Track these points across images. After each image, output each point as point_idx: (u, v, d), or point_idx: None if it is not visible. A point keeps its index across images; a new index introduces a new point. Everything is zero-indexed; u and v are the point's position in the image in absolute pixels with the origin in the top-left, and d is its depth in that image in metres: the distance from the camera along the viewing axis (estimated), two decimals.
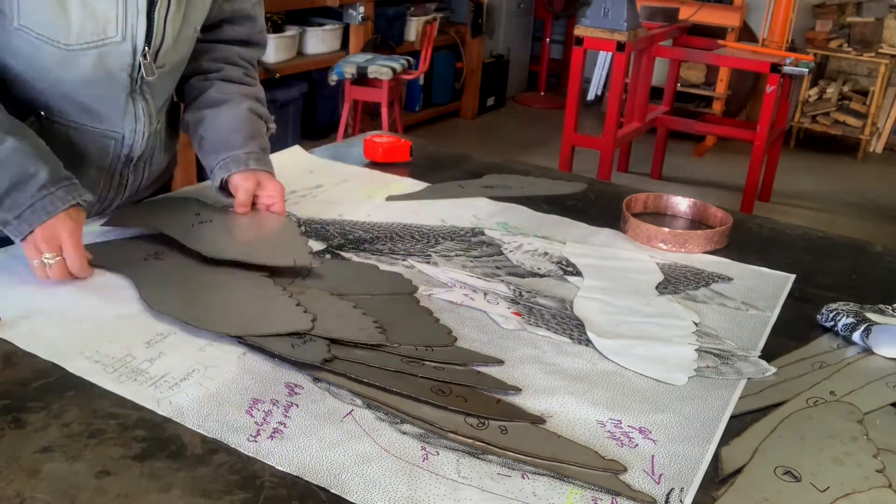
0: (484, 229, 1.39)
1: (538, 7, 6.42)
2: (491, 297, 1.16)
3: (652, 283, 1.24)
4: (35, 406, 0.84)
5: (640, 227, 1.39)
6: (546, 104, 6.27)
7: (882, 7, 5.29)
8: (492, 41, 5.97)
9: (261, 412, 0.87)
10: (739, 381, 0.99)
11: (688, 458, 0.84)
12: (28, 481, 0.74)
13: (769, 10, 4.53)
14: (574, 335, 1.07)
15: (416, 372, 0.94)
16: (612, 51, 3.64)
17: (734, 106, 5.49)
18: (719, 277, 1.28)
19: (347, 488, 0.76)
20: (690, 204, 1.53)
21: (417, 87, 5.36)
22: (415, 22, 5.13)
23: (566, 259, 1.30)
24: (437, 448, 0.83)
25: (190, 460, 0.79)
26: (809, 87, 5.43)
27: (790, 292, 1.24)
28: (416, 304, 1.12)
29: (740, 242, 1.41)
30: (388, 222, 1.39)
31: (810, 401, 0.97)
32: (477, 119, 5.81)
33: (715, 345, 1.08)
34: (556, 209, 1.50)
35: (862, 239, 1.51)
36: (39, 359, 0.92)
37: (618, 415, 0.91)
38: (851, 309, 1.14)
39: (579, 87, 3.82)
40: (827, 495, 0.80)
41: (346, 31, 4.62)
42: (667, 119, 4.32)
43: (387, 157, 1.68)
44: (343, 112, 4.23)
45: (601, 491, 0.78)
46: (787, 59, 3.80)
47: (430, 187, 1.57)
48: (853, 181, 4.92)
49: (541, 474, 0.80)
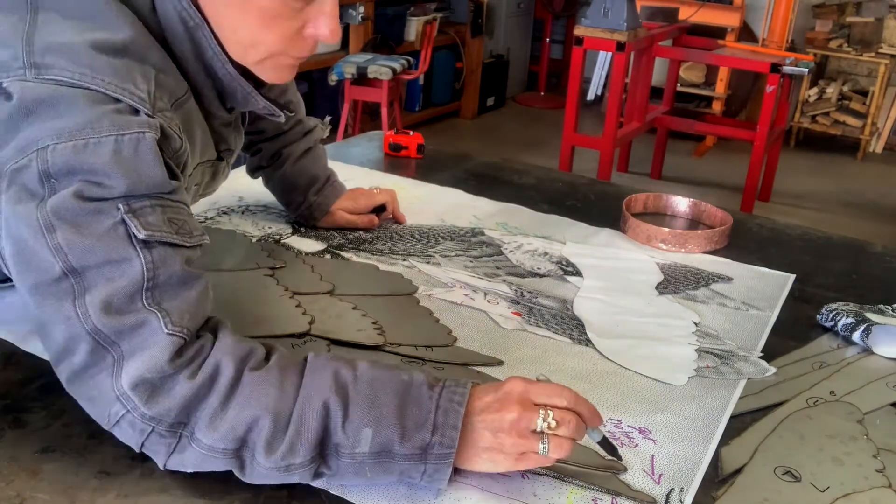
0: (484, 229, 1.39)
1: (538, 7, 6.42)
2: (491, 297, 1.16)
3: (652, 283, 1.24)
4: (35, 406, 0.84)
5: (639, 227, 1.39)
6: (546, 104, 6.27)
7: (882, 7, 5.29)
8: (492, 41, 5.97)
9: None
10: (739, 381, 0.99)
11: (688, 458, 0.84)
12: (28, 481, 0.74)
13: (769, 10, 4.53)
14: (574, 335, 1.07)
15: None
16: (611, 51, 3.64)
17: (734, 106, 5.49)
18: (719, 277, 1.28)
19: (347, 488, 0.76)
20: (690, 204, 1.53)
21: (417, 87, 5.35)
22: (415, 22, 5.13)
23: (566, 259, 1.30)
24: None
25: None
26: (809, 87, 5.43)
27: (790, 292, 1.24)
28: (416, 304, 1.12)
29: (740, 242, 1.41)
30: (389, 222, 1.40)
31: (810, 401, 0.97)
32: (477, 119, 5.81)
33: (715, 345, 1.08)
34: (556, 209, 1.50)
35: (862, 239, 1.51)
36: (39, 359, 0.92)
37: (618, 415, 0.91)
38: (851, 309, 1.14)
39: (579, 87, 3.82)
40: (827, 495, 0.81)
41: (345, 31, 4.62)
42: (667, 119, 4.32)
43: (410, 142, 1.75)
44: (343, 112, 4.23)
45: (601, 491, 0.78)
46: (787, 59, 3.80)
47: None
48: (853, 181, 4.91)
49: (541, 474, 0.80)
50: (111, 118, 0.73)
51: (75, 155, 0.71)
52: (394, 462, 0.74)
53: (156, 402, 0.72)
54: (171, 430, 0.73)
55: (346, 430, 0.73)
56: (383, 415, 0.74)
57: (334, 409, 0.73)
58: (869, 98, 5.30)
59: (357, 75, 4.06)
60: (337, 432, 0.73)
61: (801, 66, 3.79)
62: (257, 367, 0.75)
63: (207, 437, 0.72)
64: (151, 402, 0.72)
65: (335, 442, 0.73)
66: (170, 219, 0.76)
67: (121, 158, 0.73)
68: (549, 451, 0.75)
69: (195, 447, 0.73)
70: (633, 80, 4.17)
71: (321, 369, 0.76)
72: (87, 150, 0.72)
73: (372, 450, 0.73)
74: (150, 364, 0.71)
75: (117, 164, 0.72)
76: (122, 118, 0.74)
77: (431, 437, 0.73)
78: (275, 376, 0.75)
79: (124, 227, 0.73)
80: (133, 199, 0.74)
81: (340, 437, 0.73)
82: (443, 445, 0.73)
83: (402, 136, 1.76)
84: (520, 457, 0.76)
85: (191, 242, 0.78)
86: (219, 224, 1.32)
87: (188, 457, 0.74)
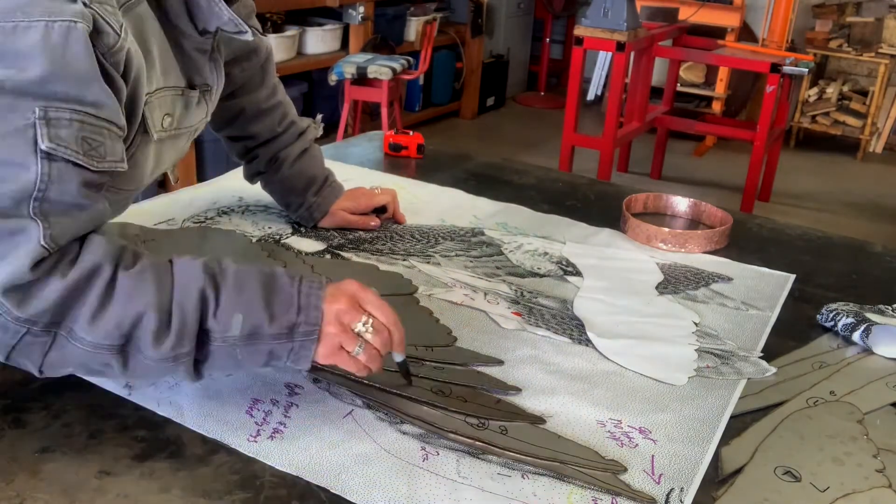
0: (484, 229, 1.39)
1: (538, 7, 6.42)
2: (491, 296, 1.16)
3: (652, 283, 1.24)
4: (35, 406, 0.85)
5: (639, 227, 1.39)
6: (546, 104, 6.27)
7: (882, 7, 5.29)
8: (492, 41, 5.96)
9: (261, 412, 0.87)
10: (739, 381, 0.99)
11: (688, 458, 0.84)
12: (28, 481, 0.74)
13: (769, 10, 4.52)
14: (574, 335, 1.07)
15: (417, 372, 0.94)
16: (611, 51, 3.64)
17: (734, 106, 5.49)
18: (719, 277, 1.28)
19: (347, 488, 0.76)
20: (690, 204, 1.53)
21: (417, 87, 5.35)
22: (415, 22, 5.13)
23: (566, 259, 1.30)
24: (437, 448, 0.83)
25: (190, 460, 0.79)
26: (809, 87, 5.42)
27: (790, 292, 1.24)
28: (416, 304, 1.12)
29: (740, 242, 1.41)
30: (389, 222, 1.40)
31: (810, 401, 0.97)
32: (477, 119, 5.81)
33: (715, 345, 1.08)
34: (556, 209, 1.50)
35: (862, 239, 1.51)
36: None
37: (618, 415, 0.91)
38: (851, 309, 1.14)
39: (579, 87, 3.82)
40: (827, 495, 0.81)
41: (345, 31, 4.62)
42: (667, 119, 4.31)
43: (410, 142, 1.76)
44: (343, 112, 4.23)
45: (601, 491, 0.78)
46: (787, 59, 3.79)
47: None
48: (853, 181, 4.91)
49: (541, 474, 0.80)
50: (44, 4, 0.72)
51: (3, 37, 0.70)
52: (263, 342, 0.79)
53: (28, 305, 0.73)
54: (45, 330, 0.75)
55: (217, 317, 0.78)
56: (251, 300, 0.79)
57: (208, 296, 0.78)
58: (869, 98, 5.30)
59: (357, 75, 4.06)
60: (209, 319, 0.78)
61: (801, 66, 3.79)
62: (130, 267, 0.78)
63: (91, 335, 0.75)
64: (24, 305, 0.73)
65: (207, 328, 0.78)
66: (84, 137, 0.75)
67: (48, 45, 0.71)
68: (363, 355, 0.83)
69: (77, 345, 0.75)
70: (633, 80, 4.17)
71: (189, 264, 0.80)
72: (14, 34, 0.71)
73: (243, 333, 0.79)
74: (12, 270, 0.72)
75: (43, 51, 0.71)
76: (55, 5, 0.72)
77: (297, 316, 0.80)
78: (150, 274, 0.78)
79: (33, 132, 0.72)
80: (53, 106, 0.72)
81: (212, 323, 0.78)
82: (308, 324, 0.80)
83: (402, 136, 1.76)
84: (337, 350, 0.82)
85: (97, 167, 0.77)
86: (219, 224, 1.32)
87: (69, 355, 0.76)
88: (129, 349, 0.77)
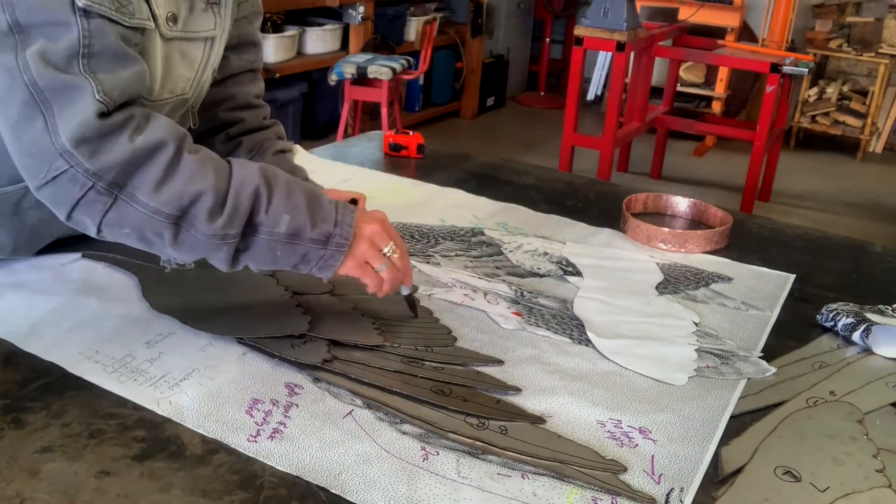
0: (484, 229, 1.39)
1: (538, 7, 6.42)
2: (491, 297, 1.16)
3: (652, 283, 1.24)
4: (35, 406, 0.85)
5: (639, 227, 1.39)
6: (546, 104, 6.27)
7: (882, 7, 5.29)
8: (492, 41, 5.96)
9: (261, 412, 0.87)
10: (739, 381, 0.99)
11: (688, 458, 0.84)
12: (28, 481, 0.74)
13: (769, 10, 4.52)
14: (574, 335, 1.07)
15: (416, 372, 0.94)
16: (611, 51, 3.64)
17: (734, 106, 5.49)
18: (719, 277, 1.28)
19: (347, 488, 0.76)
20: (690, 204, 1.53)
21: (417, 87, 5.35)
22: (415, 22, 5.12)
23: (566, 259, 1.30)
24: (437, 448, 0.83)
25: (190, 460, 0.79)
26: (809, 87, 5.42)
27: (790, 292, 1.24)
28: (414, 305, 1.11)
29: (740, 242, 1.41)
30: None
31: (810, 401, 0.97)
32: (477, 119, 5.81)
33: (715, 345, 1.08)
34: (556, 209, 1.51)
35: (862, 239, 1.51)
36: (39, 359, 0.92)
37: (618, 415, 0.91)
38: (851, 309, 1.14)
39: (579, 87, 3.82)
40: (827, 495, 0.81)
41: (345, 31, 4.62)
42: (666, 119, 4.31)
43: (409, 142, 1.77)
44: (343, 112, 4.23)
45: (601, 491, 0.78)
46: (787, 59, 3.79)
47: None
48: (853, 181, 4.91)
49: (541, 474, 0.80)
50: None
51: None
52: (301, 244, 0.90)
53: (98, 158, 0.82)
54: (108, 189, 0.83)
55: (268, 213, 0.89)
56: (297, 206, 0.90)
57: (262, 194, 0.89)
58: (869, 98, 5.30)
59: (357, 75, 4.06)
60: (260, 213, 0.89)
61: (800, 66, 3.79)
62: (194, 152, 0.88)
63: (154, 201, 0.84)
64: (94, 157, 0.82)
65: (257, 221, 0.89)
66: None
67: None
68: (386, 273, 0.96)
69: (138, 208, 0.84)
70: (632, 80, 4.17)
71: (246, 164, 0.91)
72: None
73: (287, 231, 0.89)
74: (81, 120, 0.81)
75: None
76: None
77: (334, 228, 0.92)
78: (211, 162, 0.88)
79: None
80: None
81: (263, 217, 0.89)
82: (342, 237, 0.92)
83: (402, 136, 1.76)
84: (363, 265, 0.95)
85: (129, 22, 0.87)
86: None
87: (127, 217, 0.84)
88: (183, 223, 0.86)
